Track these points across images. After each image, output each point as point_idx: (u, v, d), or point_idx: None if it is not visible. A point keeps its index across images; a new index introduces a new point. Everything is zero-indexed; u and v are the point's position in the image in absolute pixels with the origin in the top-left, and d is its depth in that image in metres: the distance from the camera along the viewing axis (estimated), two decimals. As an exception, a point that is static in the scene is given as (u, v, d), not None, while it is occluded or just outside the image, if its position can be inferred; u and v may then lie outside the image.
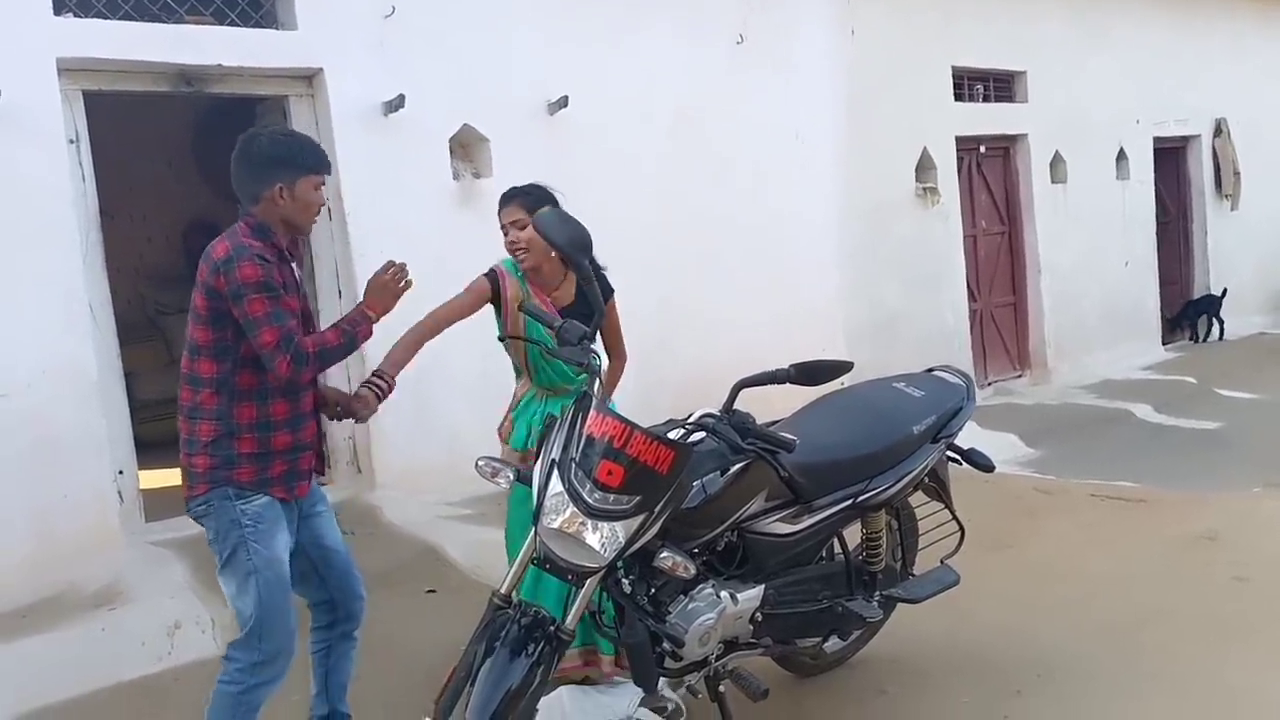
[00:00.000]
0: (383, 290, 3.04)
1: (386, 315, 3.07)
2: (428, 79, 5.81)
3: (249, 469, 2.85)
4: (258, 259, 2.79)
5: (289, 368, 2.79)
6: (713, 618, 2.88)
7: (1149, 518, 5.40)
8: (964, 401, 3.60)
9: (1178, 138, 11.85)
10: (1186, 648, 3.79)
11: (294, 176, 2.93)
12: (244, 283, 2.74)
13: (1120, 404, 9.17)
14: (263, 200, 2.91)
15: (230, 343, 2.83)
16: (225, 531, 2.84)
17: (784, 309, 7.53)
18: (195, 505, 2.88)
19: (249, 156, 2.93)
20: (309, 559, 3.12)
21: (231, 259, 2.76)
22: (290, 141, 3.01)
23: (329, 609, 3.21)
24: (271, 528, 2.88)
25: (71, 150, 4.82)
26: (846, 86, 8.21)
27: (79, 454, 4.69)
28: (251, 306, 2.76)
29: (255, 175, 2.92)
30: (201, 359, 2.85)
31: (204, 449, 2.84)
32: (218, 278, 2.77)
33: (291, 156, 2.95)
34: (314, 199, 3.00)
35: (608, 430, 2.58)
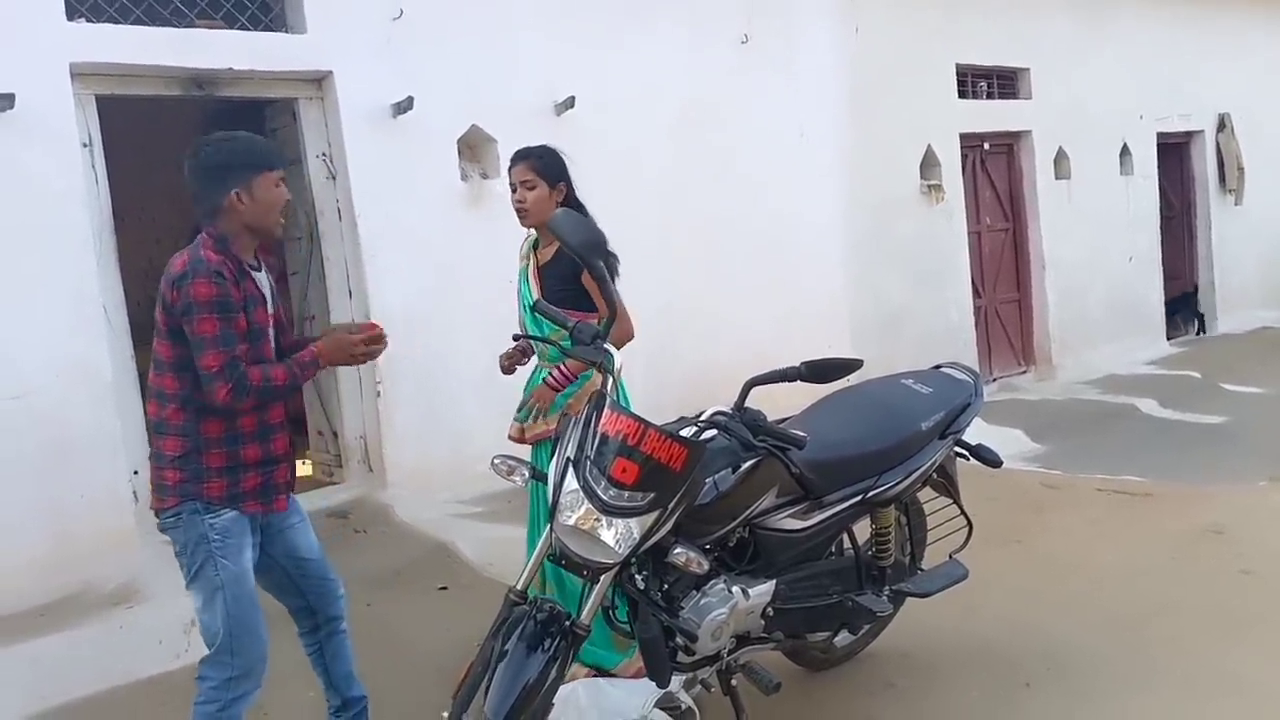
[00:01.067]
0: (340, 349, 2.96)
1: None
2: (435, 81, 5.85)
3: (219, 483, 2.82)
4: (214, 276, 2.71)
5: (228, 395, 2.72)
6: (725, 613, 2.92)
7: (1155, 512, 5.43)
8: (972, 398, 3.63)
9: (1181, 133, 11.86)
10: (1194, 640, 3.83)
11: (248, 177, 2.83)
12: (195, 300, 2.68)
13: (1125, 399, 9.19)
14: (222, 211, 2.81)
15: (190, 358, 2.77)
16: (194, 546, 2.82)
17: (789, 307, 7.56)
18: (165, 517, 2.85)
19: (198, 168, 2.83)
20: (284, 570, 3.11)
21: (186, 275, 2.69)
22: (235, 143, 2.87)
23: (309, 614, 3.21)
24: (239, 541, 2.86)
25: (85, 154, 4.86)
26: (850, 84, 8.24)
27: (94, 454, 4.74)
28: (201, 326, 2.69)
29: (209, 185, 2.82)
30: (166, 374, 2.81)
31: (171, 463, 2.82)
32: (173, 292, 2.71)
33: (240, 158, 2.84)
34: (275, 196, 2.89)
35: (622, 428, 2.62)
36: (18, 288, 4.56)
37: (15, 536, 4.48)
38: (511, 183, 3.70)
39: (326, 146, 5.71)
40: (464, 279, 5.94)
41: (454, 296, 5.94)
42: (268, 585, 3.11)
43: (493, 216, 5.97)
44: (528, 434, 3.70)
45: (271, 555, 3.06)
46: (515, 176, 3.67)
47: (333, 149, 5.70)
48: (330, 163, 5.70)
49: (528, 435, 3.70)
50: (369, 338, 2.98)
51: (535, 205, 3.61)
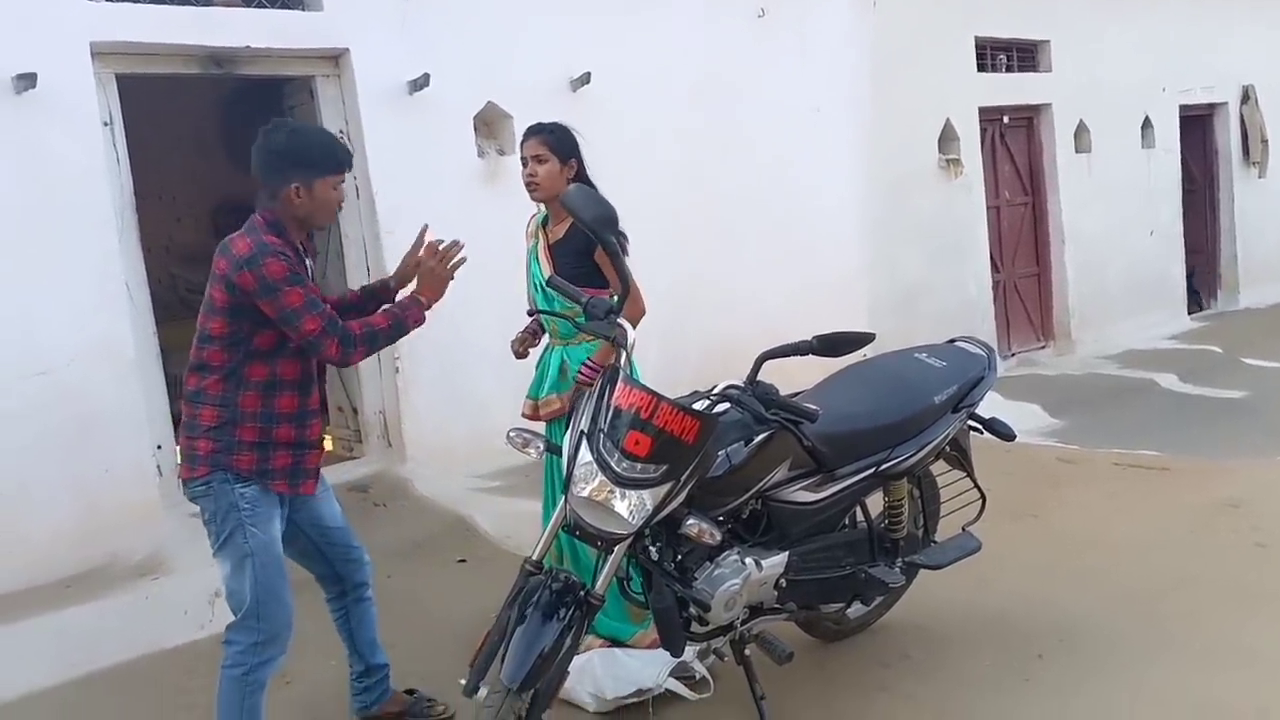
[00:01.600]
0: (433, 277, 3.06)
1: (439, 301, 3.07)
2: (451, 58, 5.87)
3: (249, 456, 2.89)
4: (280, 255, 2.80)
5: (338, 349, 2.86)
6: (738, 583, 2.95)
7: (1172, 486, 5.43)
8: (985, 371, 3.64)
9: (1204, 105, 11.74)
10: (1209, 614, 3.84)
11: (311, 177, 2.92)
12: (273, 279, 2.77)
13: (1144, 374, 9.15)
14: (280, 197, 2.91)
15: (244, 335, 2.85)
16: (224, 514, 2.88)
17: (805, 282, 7.56)
18: (195, 486, 2.91)
19: (267, 151, 2.92)
20: (309, 539, 3.18)
21: (256, 256, 2.77)
22: (308, 140, 2.97)
23: (335, 581, 3.29)
24: (268, 510, 2.92)
25: (105, 132, 4.91)
26: (868, 58, 8.19)
27: (118, 429, 4.81)
28: (288, 299, 2.79)
29: (273, 171, 2.91)
30: (212, 348, 2.87)
31: (205, 433, 2.88)
32: (241, 274, 2.77)
33: (309, 157, 2.92)
34: (332, 198, 2.99)
35: (635, 401, 2.65)
36: (42, 266, 4.62)
37: (43, 509, 4.56)
38: (523, 157, 3.73)
39: (344, 124, 5.74)
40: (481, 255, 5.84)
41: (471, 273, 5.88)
42: (294, 554, 3.18)
43: (509, 193, 5.94)
44: (541, 411, 3.74)
45: (297, 524, 3.13)
46: (527, 151, 3.70)
47: (350, 126, 5.73)
48: (348, 140, 5.73)
49: (542, 412, 3.74)
50: (443, 253, 3.06)
51: (546, 180, 3.65)
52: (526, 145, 3.71)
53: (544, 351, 3.85)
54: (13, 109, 4.54)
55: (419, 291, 3.04)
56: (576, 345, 3.64)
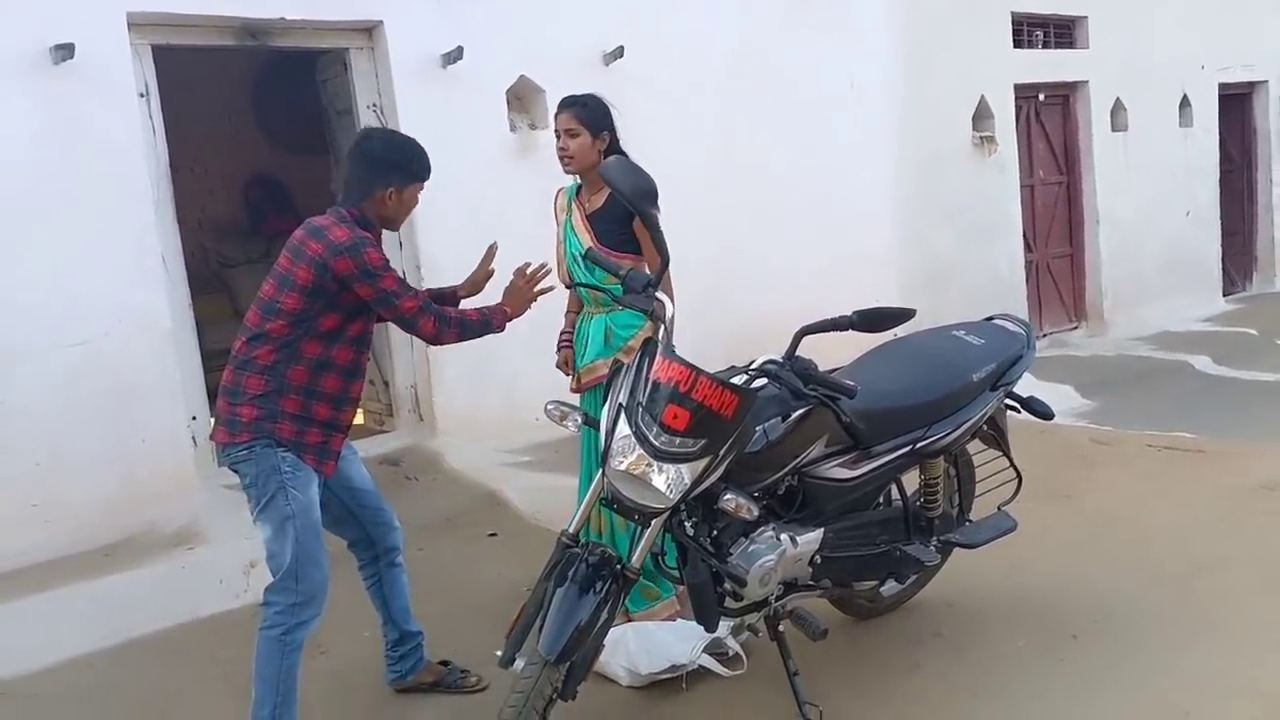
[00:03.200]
0: (519, 294, 3.28)
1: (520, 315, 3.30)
2: (484, 31, 5.85)
3: (290, 427, 2.96)
4: (377, 248, 3.00)
5: (434, 326, 3.06)
6: (773, 559, 2.94)
7: (1207, 468, 5.37)
8: (1024, 350, 3.60)
9: (1244, 84, 11.55)
10: (1245, 596, 3.80)
11: (405, 182, 3.11)
12: (373, 266, 2.94)
13: (1179, 356, 9.07)
14: (372, 198, 3.08)
15: (315, 314, 2.97)
16: (266, 477, 2.94)
17: (838, 259, 7.51)
18: (237, 451, 2.98)
19: (366, 155, 3.10)
20: (341, 502, 3.26)
21: (357, 245, 2.93)
22: (406, 148, 3.16)
23: (368, 545, 3.36)
24: (307, 475, 3.00)
25: (141, 104, 4.93)
26: (903, 35, 8.10)
27: (155, 400, 4.85)
28: (386, 282, 2.97)
29: (369, 174, 3.07)
30: (279, 321, 2.96)
31: (251, 400, 2.95)
32: (340, 259, 2.91)
33: (407, 163, 3.12)
34: (414, 203, 3.21)
35: (674, 375, 2.64)
36: (80, 237, 4.65)
37: (82, 478, 4.61)
38: (556, 130, 3.74)
39: (377, 97, 5.74)
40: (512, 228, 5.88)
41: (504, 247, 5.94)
42: (327, 521, 3.21)
43: (541, 167, 5.94)
44: (584, 378, 3.75)
45: (329, 488, 3.18)
46: (560, 124, 3.71)
47: (383, 99, 5.73)
48: (381, 113, 5.73)
49: (585, 380, 3.75)
50: (532, 275, 3.29)
51: (579, 153, 3.67)
52: (559, 119, 3.72)
53: (581, 322, 3.83)
54: (50, 80, 4.56)
55: (506, 303, 3.25)
56: (621, 311, 3.62)
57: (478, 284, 3.50)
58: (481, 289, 3.50)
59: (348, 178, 3.12)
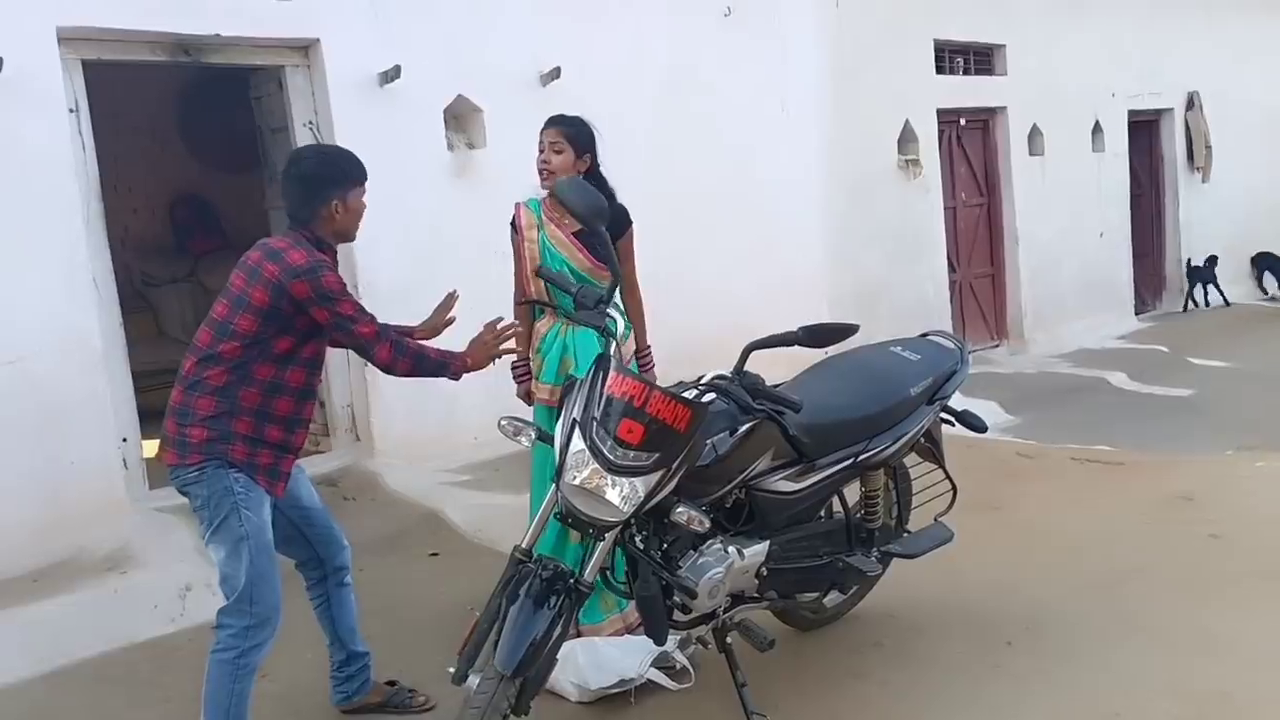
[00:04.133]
0: (483, 348, 3.20)
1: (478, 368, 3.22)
2: (422, 50, 5.85)
3: (242, 448, 2.94)
4: (333, 269, 3.00)
5: (389, 353, 3.03)
6: (721, 572, 3.00)
7: (1128, 480, 5.58)
8: (958, 365, 3.73)
9: (1151, 111, 12.04)
10: (1166, 601, 3.96)
11: (346, 189, 3.09)
12: (331, 290, 2.93)
13: (1096, 372, 9.38)
14: (319, 216, 3.06)
15: (269, 337, 2.95)
16: (219, 498, 2.92)
17: (770, 277, 7.64)
18: (186, 473, 2.94)
19: (301, 177, 3.08)
20: (290, 522, 3.23)
21: (314, 269, 2.92)
22: (337, 158, 3.16)
23: (316, 565, 3.34)
24: (259, 495, 2.97)
25: (72, 119, 4.83)
26: (831, 58, 8.31)
27: (84, 421, 4.74)
28: (343, 307, 2.96)
29: (310, 194, 3.06)
30: (230, 341, 2.94)
31: (201, 422, 2.92)
32: (296, 282, 2.90)
33: (342, 172, 3.10)
34: (362, 207, 3.18)
35: (628, 390, 2.69)
36: (9, 254, 4.54)
37: (8, 501, 4.48)
38: (540, 144, 3.77)
39: (313, 115, 5.70)
40: (450, 247, 5.96)
41: (441, 266, 5.94)
42: (275, 540, 3.18)
43: (479, 186, 6.00)
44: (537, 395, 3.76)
45: (279, 507, 3.14)
46: (546, 139, 3.76)
47: (319, 117, 5.69)
48: (317, 131, 5.69)
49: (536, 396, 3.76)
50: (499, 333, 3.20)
51: (560, 169, 3.70)
52: (546, 133, 3.77)
53: (546, 335, 3.81)
54: (-22, 94, 4.47)
55: (468, 354, 3.19)
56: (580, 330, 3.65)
57: (435, 329, 3.47)
58: (439, 334, 3.47)
59: (290, 202, 3.10)
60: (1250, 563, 4.25)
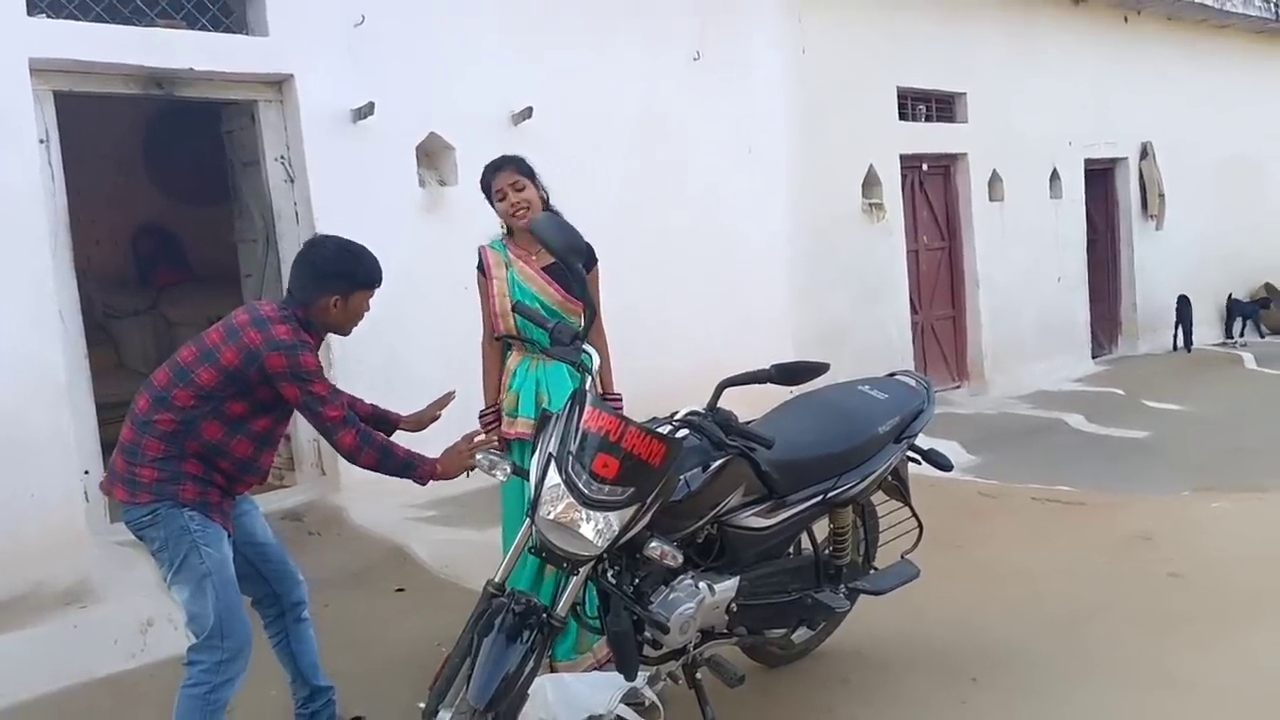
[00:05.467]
0: (456, 458, 3.15)
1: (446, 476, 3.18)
2: (395, 88, 5.91)
3: (193, 488, 2.93)
4: (313, 352, 2.99)
5: (354, 440, 3.00)
6: (693, 607, 3.02)
7: (1088, 519, 5.67)
8: (924, 404, 3.79)
9: (1107, 159, 12.32)
10: (1127, 639, 4.03)
11: (351, 290, 3.08)
12: (307, 369, 2.93)
13: (1054, 414, 9.53)
14: (316, 305, 3.05)
15: (225, 397, 2.93)
16: (176, 538, 2.90)
17: (736, 318, 7.72)
18: (139, 514, 2.93)
19: (313, 263, 3.07)
20: (245, 558, 3.19)
21: (295, 347, 2.92)
22: (354, 258, 3.11)
23: (273, 601, 3.30)
24: (217, 530, 2.96)
25: (41, 150, 4.82)
26: (797, 104, 8.46)
27: (46, 454, 4.69)
28: (317, 387, 2.96)
29: (315, 282, 3.05)
30: (185, 389, 2.92)
31: (151, 463, 2.91)
32: (274, 355, 2.89)
33: (353, 273, 3.08)
34: (363, 310, 3.16)
35: (604, 425, 2.72)
36: (-28, 284, 4.51)
37: (-35, 535, 4.41)
38: (499, 189, 3.74)
39: (285, 149, 5.72)
40: (420, 284, 5.98)
41: (410, 301, 5.96)
42: None
43: (449, 223, 6.03)
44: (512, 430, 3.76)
45: (233, 544, 3.11)
46: (503, 182, 3.72)
47: (291, 152, 5.71)
48: (289, 166, 5.71)
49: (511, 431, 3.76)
50: (474, 446, 3.15)
51: (534, 203, 3.70)
52: (501, 177, 3.73)
53: (516, 370, 3.81)
54: (-53, 123, 4.45)
55: (440, 461, 3.14)
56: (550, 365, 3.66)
57: (422, 423, 3.46)
58: (424, 428, 3.46)
59: (294, 281, 3.09)
60: (1208, 602, 4.33)
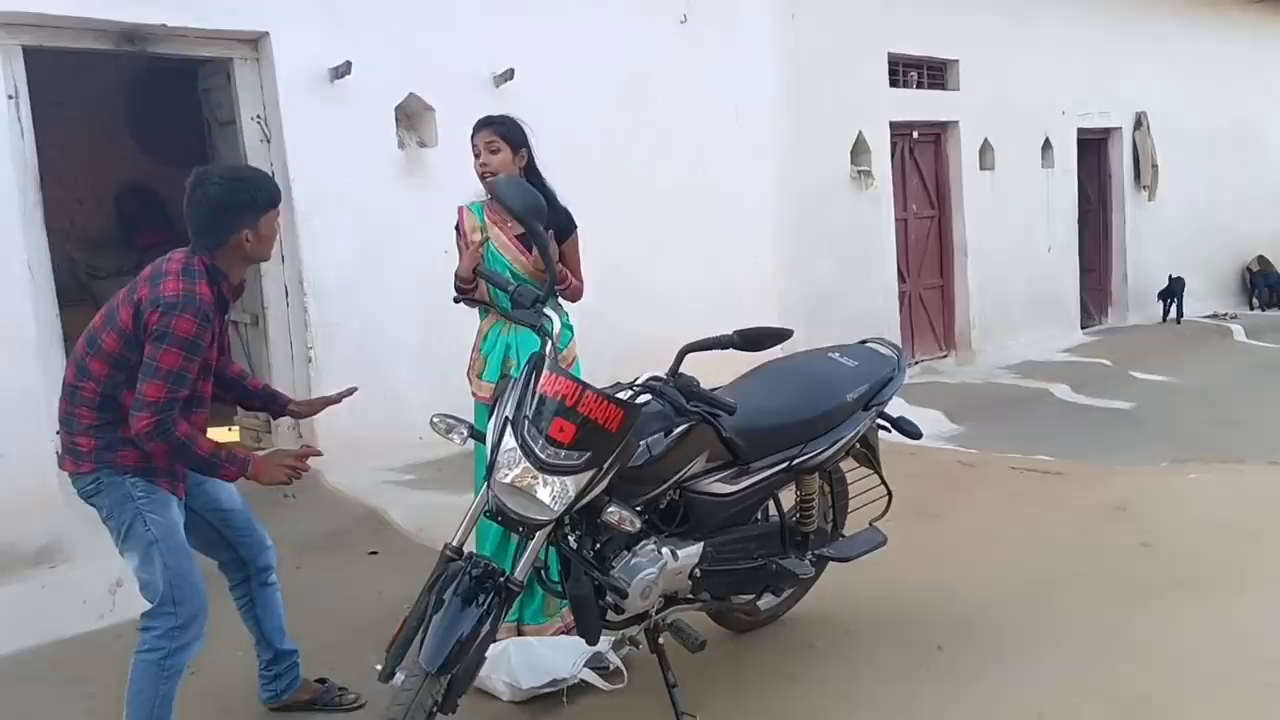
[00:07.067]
0: (275, 468, 2.96)
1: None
2: (374, 47, 5.83)
3: (133, 453, 2.83)
4: (201, 318, 2.74)
5: (149, 427, 2.70)
6: (654, 572, 3.00)
7: (1064, 489, 5.67)
8: (895, 372, 3.77)
9: (1100, 129, 12.24)
10: (1096, 607, 4.03)
11: (257, 216, 2.89)
12: (174, 332, 2.70)
13: (1040, 384, 9.52)
14: (226, 246, 2.87)
15: (133, 364, 2.78)
16: (119, 506, 2.84)
17: (722, 285, 7.68)
18: (84, 484, 2.87)
19: (208, 204, 2.84)
20: (209, 525, 3.16)
21: (177, 305, 2.71)
22: (245, 184, 2.91)
23: (239, 566, 3.26)
24: (164, 497, 2.89)
25: (10, 106, 4.76)
26: (786, 69, 8.37)
27: (15, 413, 4.66)
28: (165, 356, 2.71)
29: (218, 221, 2.85)
30: (99, 360, 2.81)
31: (86, 431, 2.84)
32: (154, 312, 2.72)
33: (252, 199, 2.88)
34: (274, 231, 3.00)
35: (560, 389, 2.69)
36: (-61, 242, 4.46)
37: (-67, 494, 4.40)
38: (476, 148, 3.73)
39: (261, 109, 5.65)
40: (399, 246, 5.95)
41: (389, 264, 5.94)
42: (196, 543, 3.13)
43: (429, 185, 5.97)
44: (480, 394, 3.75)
45: (195, 510, 3.09)
46: (480, 140, 3.72)
47: (268, 112, 5.65)
48: (265, 126, 5.65)
49: (479, 395, 3.75)
50: (301, 466, 2.99)
51: (501, 168, 3.65)
52: (479, 135, 3.73)
53: (487, 334, 3.81)
54: (-89, 78, 4.38)
55: (257, 465, 2.93)
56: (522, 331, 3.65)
57: (314, 408, 3.34)
58: (316, 414, 3.36)
59: (193, 225, 2.85)
60: (1178, 571, 4.34)
